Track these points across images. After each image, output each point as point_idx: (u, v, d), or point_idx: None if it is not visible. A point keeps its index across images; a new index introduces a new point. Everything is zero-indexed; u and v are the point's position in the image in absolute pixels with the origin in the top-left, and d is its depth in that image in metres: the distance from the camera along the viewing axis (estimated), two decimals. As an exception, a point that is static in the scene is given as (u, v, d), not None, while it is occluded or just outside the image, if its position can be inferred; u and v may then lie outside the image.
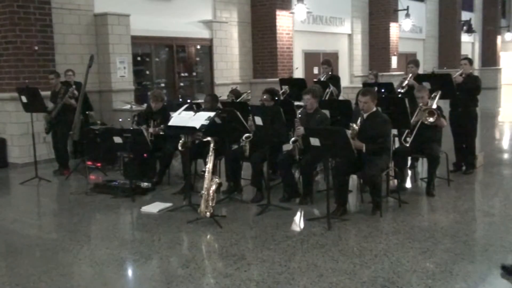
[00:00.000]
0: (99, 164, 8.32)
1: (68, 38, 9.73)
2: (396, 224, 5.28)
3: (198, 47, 12.35)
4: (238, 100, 8.00)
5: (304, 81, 8.91)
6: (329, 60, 9.63)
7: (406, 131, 6.28)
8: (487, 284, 3.91)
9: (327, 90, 8.20)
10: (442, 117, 6.37)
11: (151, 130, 7.04)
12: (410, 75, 7.80)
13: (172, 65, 11.75)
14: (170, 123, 6.02)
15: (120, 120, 9.48)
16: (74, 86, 7.95)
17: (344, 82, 13.83)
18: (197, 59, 12.50)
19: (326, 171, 6.05)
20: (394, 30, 17.88)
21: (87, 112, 8.87)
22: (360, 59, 17.51)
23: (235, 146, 6.81)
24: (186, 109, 6.06)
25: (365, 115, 5.62)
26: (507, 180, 7.33)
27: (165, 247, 4.82)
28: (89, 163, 8.09)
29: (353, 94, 9.16)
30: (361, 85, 10.15)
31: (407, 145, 6.18)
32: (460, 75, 7.39)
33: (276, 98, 6.67)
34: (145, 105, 9.89)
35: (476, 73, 25.75)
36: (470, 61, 7.64)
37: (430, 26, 22.26)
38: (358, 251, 4.55)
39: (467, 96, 7.29)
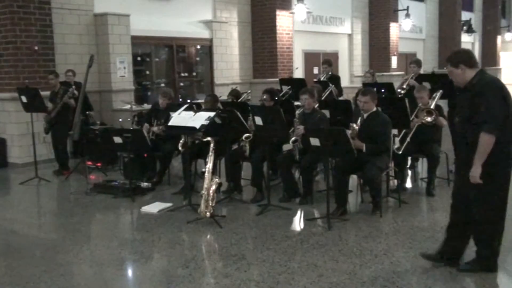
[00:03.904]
0: (99, 164, 8.32)
1: (68, 38, 9.73)
2: (396, 224, 5.28)
3: (198, 47, 12.34)
4: (238, 100, 8.00)
5: (304, 81, 8.91)
6: (330, 60, 9.63)
7: (402, 132, 6.22)
8: (487, 284, 3.91)
9: (327, 89, 8.19)
10: (441, 117, 6.36)
11: (154, 129, 7.04)
12: (412, 74, 7.79)
13: (172, 65, 11.74)
14: (170, 123, 6.02)
15: (120, 120, 9.48)
16: (74, 87, 7.95)
17: (344, 82, 13.80)
18: (197, 59, 12.50)
19: (326, 171, 6.05)
20: (394, 30, 17.85)
21: (87, 112, 8.87)
22: (360, 59, 17.49)
23: (235, 146, 6.81)
24: (186, 109, 6.06)
25: (365, 115, 5.62)
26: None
27: (165, 247, 4.82)
28: (89, 163, 8.08)
29: (353, 94, 9.14)
30: (361, 85, 10.14)
31: (400, 152, 6.07)
32: None
33: (276, 98, 6.67)
34: (144, 105, 9.91)
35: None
36: None
37: (430, 26, 22.23)
38: (358, 251, 4.55)
39: None
